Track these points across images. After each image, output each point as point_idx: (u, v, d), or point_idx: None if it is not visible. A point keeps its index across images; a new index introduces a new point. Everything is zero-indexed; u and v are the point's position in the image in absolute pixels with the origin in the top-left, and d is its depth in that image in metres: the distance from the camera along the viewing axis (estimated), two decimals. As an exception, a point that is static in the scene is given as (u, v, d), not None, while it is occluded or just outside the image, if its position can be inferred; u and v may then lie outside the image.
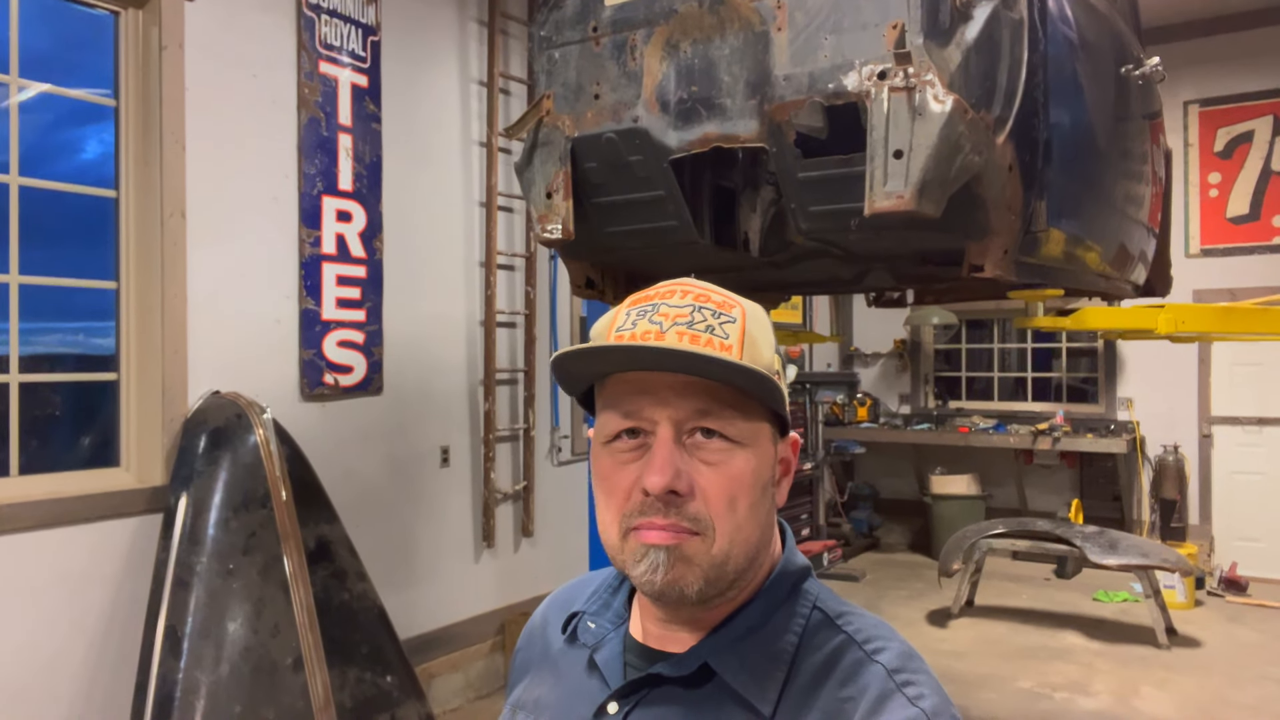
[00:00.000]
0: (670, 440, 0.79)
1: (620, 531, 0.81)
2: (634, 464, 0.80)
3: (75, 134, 3.22)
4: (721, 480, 0.79)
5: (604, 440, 0.83)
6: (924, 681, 0.78)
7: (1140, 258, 3.10)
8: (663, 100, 2.24)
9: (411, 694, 3.32)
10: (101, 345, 3.21)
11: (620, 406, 0.81)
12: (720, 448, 0.79)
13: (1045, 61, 2.10)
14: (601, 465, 0.83)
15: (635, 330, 0.80)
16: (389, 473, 4.00)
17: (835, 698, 0.77)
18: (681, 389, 0.79)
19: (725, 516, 0.79)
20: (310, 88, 3.65)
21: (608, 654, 0.89)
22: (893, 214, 1.87)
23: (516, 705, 0.95)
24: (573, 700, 0.88)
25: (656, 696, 0.83)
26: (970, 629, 5.45)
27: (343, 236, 3.79)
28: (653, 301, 0.82)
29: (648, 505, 0.79)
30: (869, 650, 0.80)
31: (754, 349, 0.81)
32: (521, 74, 4.73)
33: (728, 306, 0.82)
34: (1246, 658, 4.89)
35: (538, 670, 0.96)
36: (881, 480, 8.06)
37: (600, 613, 0.93)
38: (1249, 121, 6.54)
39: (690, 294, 0.82)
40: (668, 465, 0.77)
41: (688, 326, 0.79)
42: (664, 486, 0.77)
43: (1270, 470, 6.45)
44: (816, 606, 0.85)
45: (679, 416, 0.79)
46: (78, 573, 2.93)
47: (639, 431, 0.80)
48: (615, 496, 0.81)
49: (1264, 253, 6.47)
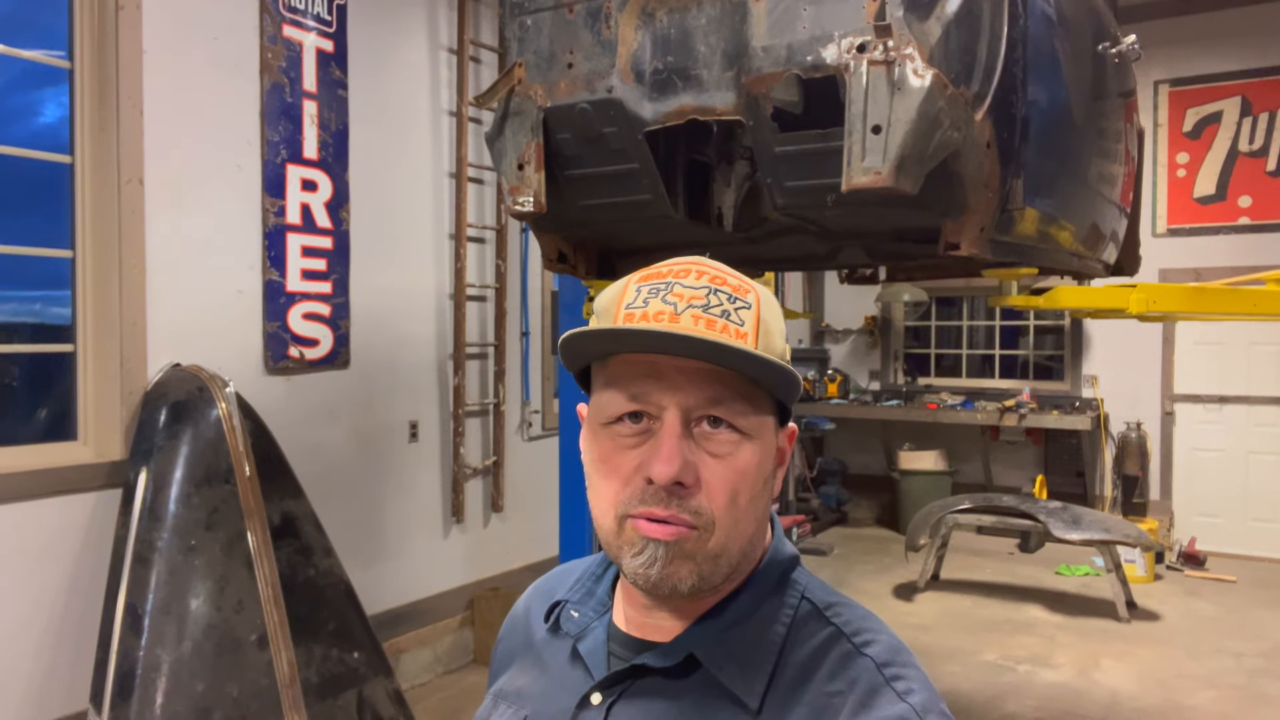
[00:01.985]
0: (678, 428, 0.75)
1: (616, 517, 0.77)
2: (637, 449, 0.77)
3: (28, 97, 3.10)
4: (727, 474, 0.76)
5: (604, 421, 0.79)
6: (913, 676, 0.77)
7: (1112, 237, 3.11)
8: (638, 70, 2.19)
9: (379, 670, 3.29)
10: (59, 314, 3.12)
11: (627, 388, 0.77)
12: (728, 439, 0.76)
13: (1025, 37, 2.07)
14: (601, 447, 0.79)
15: (647, 309, 0.76)
16: (356, 448, 3.95)
17: (823, 691, 0.76)
18: (693, 375, 0.75)
19: (726, 511, 0.76)
20: (274, 52, 3.54)
21: (591, 643, 0.86)
22: (870, 190, 1.84)
23: (499, 695, 0.92)
24: (556, 691, 0.86)
25: (641, 687, 0.81)
26: (936, 602, 5.52)
27: (308, 206, 3.71)
28: (666, 280, 0.78)
29: (649, 494, 0.75)
30: (858, 643, 0.79)
31: (768, 337, 0.78)
32: (493, 42, 4.63)
33: (743, 291, 0.79)
34: (1204, 631, 5.00)
35: (521, 660, 0.94)
36: (850, 456, 8.12)
37: (583, 601, 0.91)
38: (1218, 102, 6.59)
39: (706, 274, 0.79)
40: (675, 455, 0.74)
41: (703, 310, 0.75)
42: (671, 477, 0.74)
43: (1229, 447, 6.57)
44: (805, 597, 0.83)
45: (689, 404, 0.75)
46: (34, 548, 2.86)
47: (643, 415, 0.77)
48: (613, 481, 0.78)
49: (1229, 233, 6.54)
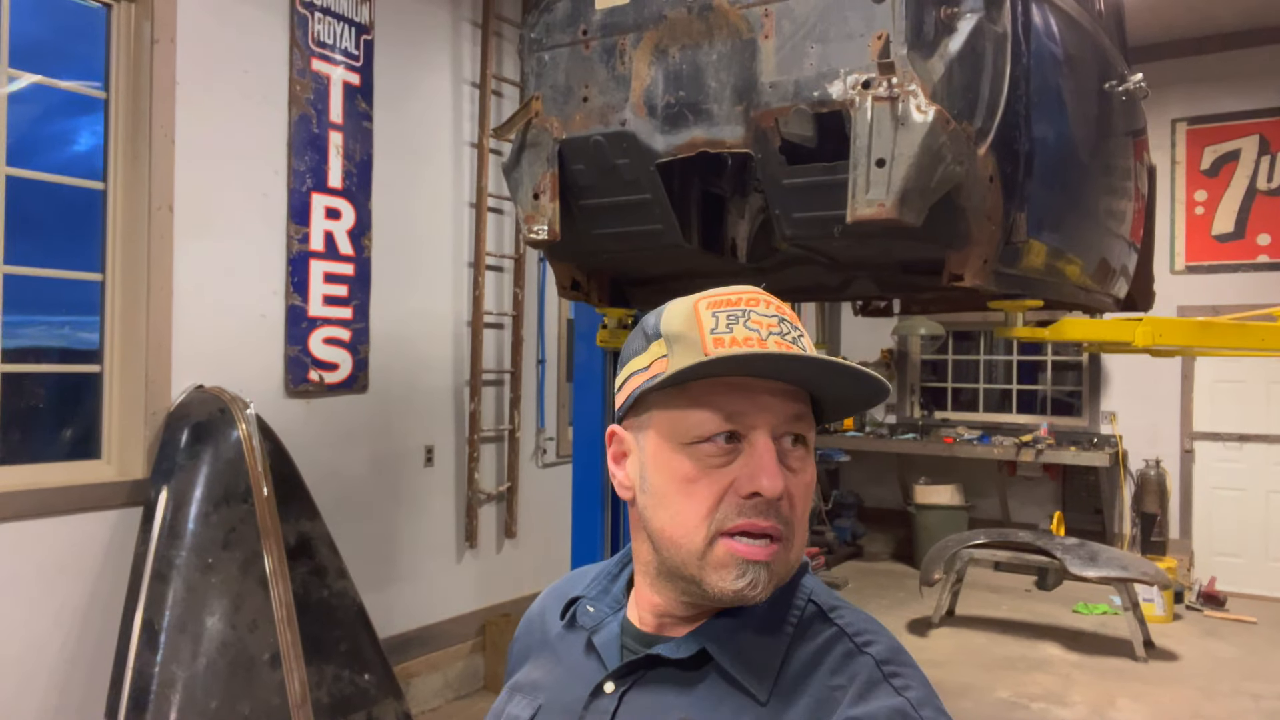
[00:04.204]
0: (772, 444, 0.81)
1: (708, 536, 0.81)
2: (727, 467, 0.81)
3: (65, 125, 3.22)
4: (802, 487, 0.83)
5: (688, 441, 0.82)
6: (910, 674, 0.81)
7: (1122, 271, 3.13)
8: (650, 104, 2.25)
9: (389, 693, 3.32)
10: (86, 339, 3.20)
11: (722, 409, 0.81)
12: (802, 455, 0.83)
13: (1028, 75, 2.12)
14: (683, 467, 0.82)
15: (734, 334, 0.81)
16: (372, 471, 4.00)
17: (826, 685, 0.80)
18: (780, 395, 0.81)
19: (801, 522, 0.83)
20: (302, 84, 3.65)
21: (605, 636, 0.91)
22: (874, 222, 1.89)
23: (514, 688, 0.96)
24: (570, 680, 0.90)
25: (653, 678, 0.85)
26: (950, 638, 5.47)
27: (331, 234, 3.80)
28: (739, 307, 0.83)
29: (748, 508, 0.80)
30: (859, 642, 0.83)
31: None
32: (514, 76, 4.74)
33: (796, 320, 0.85)
34: (1223, 672, 4.93)
35: (536, 655, 0.98)
36: (866, 489, 8.09)
37: (599, 598, 0.96)
38: (1236, 140, 6.60)
39: (772, 304, 0.84)
40: (778, 471, 0.80)
41: (781, 337, 0.81)
42: (779, 492, 0.79)
43: (1250, 486, 6.50)
44: (811, 600, 0.88)
45: (776, 422, 0.81)
46: (56, 564, 2.92)
47: (736, 435, 0.81)
48: (703, 500, 0.81)
49: (1248, 270, 6.53)
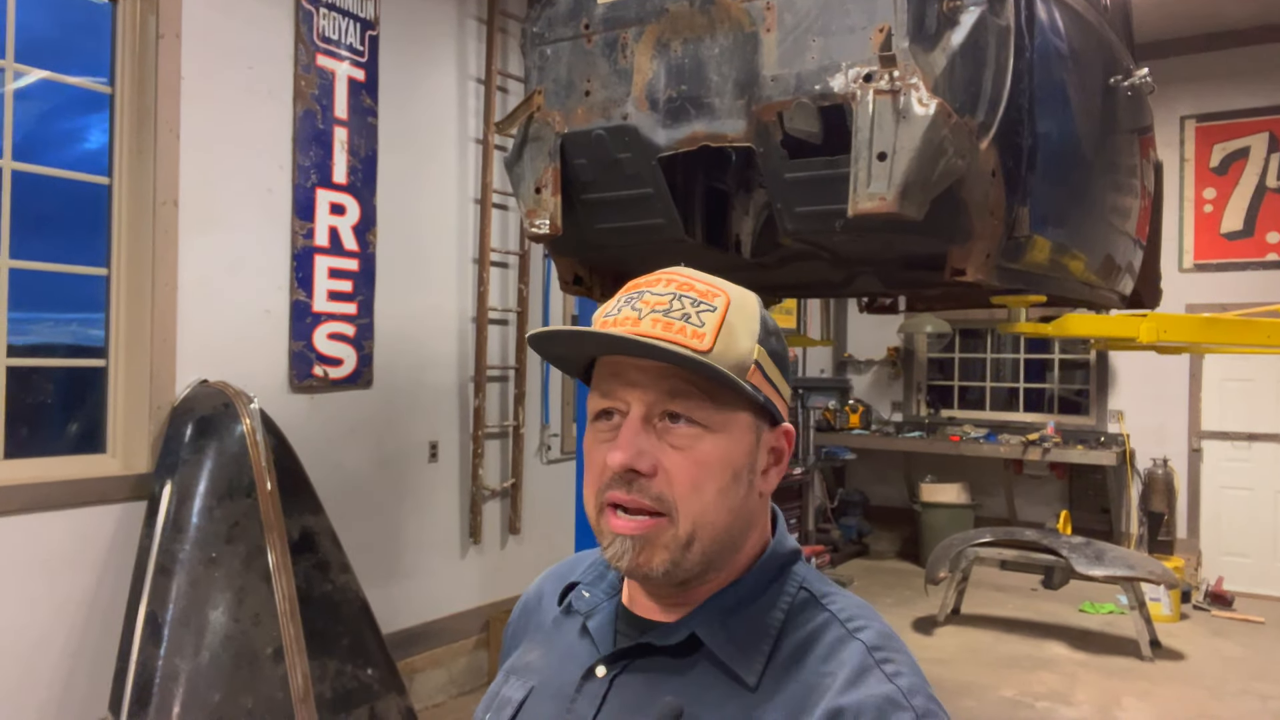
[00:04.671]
0: (638, 421, 0.82)
1: (596, 507, 0.85)
2: (608, 443, 0.84)
3: (70, 121, 3.23)
4: (687, 464, 0.81)
5: (590, 420, 0.88)
6: (901, 660, 0.81)
7: (1127, 268, 3.12)
8: (652, 98, 2.25)
9: (392, 688, 3.32)
10: (92, 335, 3.22)
11: (599, 388, 0.86)
12: (687, 432, 0.82)
13: (1031, 69, 2.11)
14: (586, 441, 0.88)
15: (618, 316, 0.83)
16: (376, 466, 4.01)
17: (816, 671, 0.80)
18: (652, 373, 0.82)
19: (689, 499, 0.81)
20: (307, 80, 3.66)
21: (600, 620, 0.92)
22: (875, 215, 1.88)
23: (510, 670, 0.97)
24: (563, 663, 0.91)
25: (644, 664, 0.86)
26: (955, 637, 5.46)
27: (336, 229, 3.80)
28: (640, 289, 0.85)
29: (614, 480, 0.82)
30: (850, 628, 0.83)
31: (730, 338, 0.82)
32: (520, 72, 4.73)
33: (710, 295, 0.84)
34: (1229, 672, 4.90)
35: (531, 638, 0.99)
36: (871, 487, 8.07)
37: (595, 583, 0.96)
38: (1245, 138, 6.57)
39: (674, 282, 0.85)
40: (629, 444, 0.81)
41: (664, 314, 0.82)
42: (623, 464, 0.80)
43: (1258, 486, 6.47)
44: (803, 587, 0.88)
45: (648, 399, 0.82)
46: (61, 558, 2.93)
47: (614, 413, 0.84)
48: (592, 471, 0.85)
49: (1257, 269, 6.49)
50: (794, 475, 6.48)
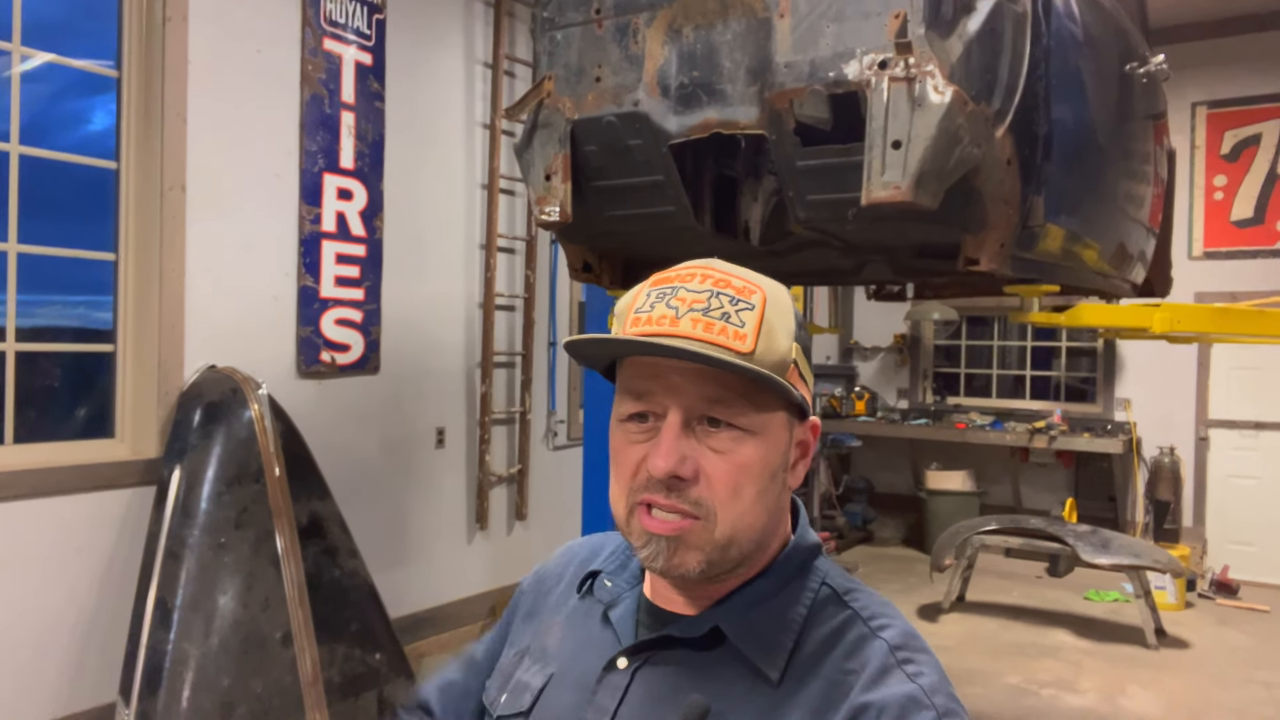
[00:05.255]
0: (678, 426, 0.80)
1: (627, 507, 0.83)
2: (643, 444, 0.82)
3: (77, 104, 3.22)
4: (728, 468, 0.80)
5: (619, 419, 0.85)
6: (924, 660, 0.80)
7: (1139, 257, 3.09)
8: (664, 85, 2.23)
9: (400, 672, 3.34)
10: (99, 318, 3.22)
11: (633, 390, 0.83)
12: (728, 436, 0.81)
13: (1047, 56, 2.09)
14: (615, 441, 0.85)
15: (652, 314, 0.81)
16: (384, 452, 4.01)
17: (839, 669, 0.80)
18: (692, 376, 0.80)
19: (729, 503, 0.80)
20: (314, 64, 3.64)
21: (622, 611, 0.91)
22: (889, 205, 1.87)
23: (523, 652, 0.96)
24: (583, 652, 0.90)
25: (666, 656, 0.85)
26: (960, 624, 5.47)
27: (343, 215, 3.79)
28: (672, 284, 0.83)
29: (652, 484, 0.81)
30: (873, 626, 0.83)
31: (770, 338, 0.81)
32: (527, 56, 4.71)
33: (747, 293, 0.82)
34: (1234, 661, 4.90)
35: (548, 620, 0.98)
36: (877, 474, 8.07)
37: (617, 572, 0.96)
38: (1257, 125, 6.51)
39: (710, 278, 0.82)
40: (673, 451, 0.79)
41: (703, 313, 0.79)
42: (667, 471, 0.79)
43: (1265, 475, 6.45)
44: (825, 582, 0.87)
45: (689, 403, 0.80)
46: (70, 542, 2.94)
47: (649, 415, 0.82)
48: (623, 471, 0.84)
49: (1267, 257, 6.45)
50: (800, 462, 6.47)
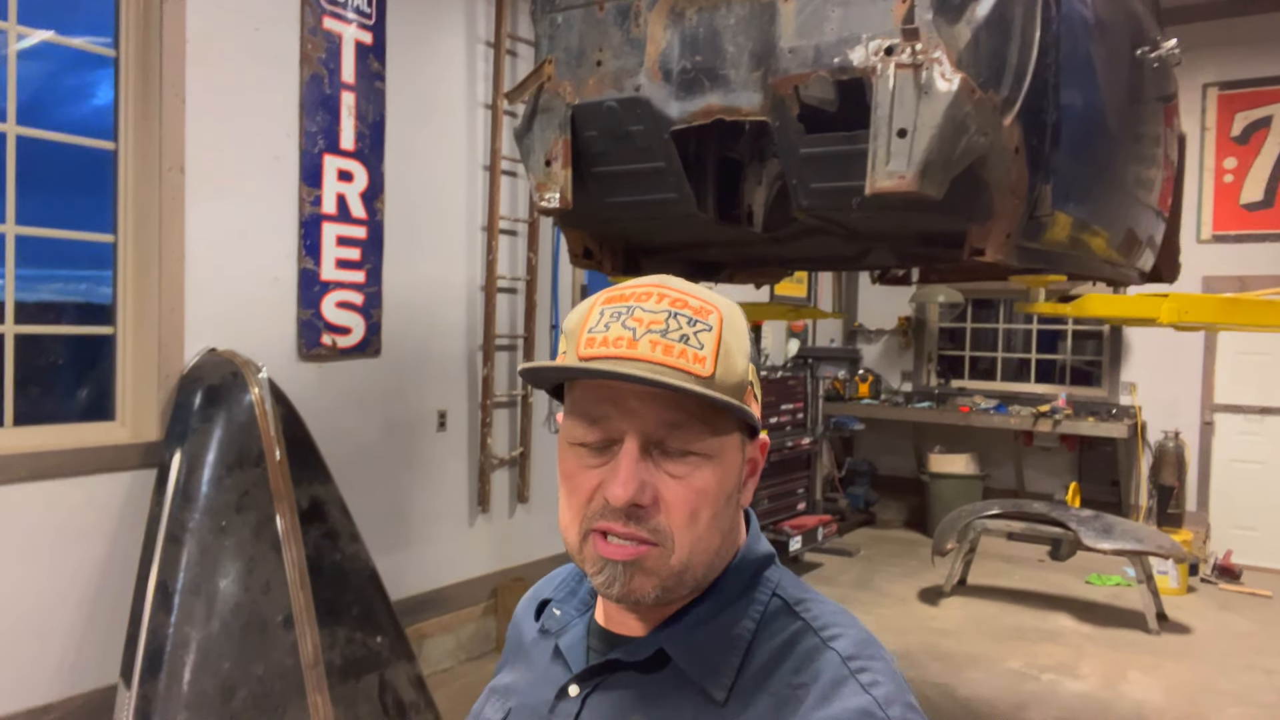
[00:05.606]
0: (635, 452, 0.78)
1: (580, 533, 0.81)
2: (598, 469, 0.80)
3: (74, 84, 3.18)
4: (686, 494, 0.78)
5: (570, 442, 0.82)
6: (878, 669, 0.78)
7: (1148, 243, 3.06)
8: (665, 69, 2.19)
9: (402, 655, 3.34)
10: (103, 295, 3.20)
11: (587, 414, 0.80)
12: (686, 462, 0.79)
13: (1057, 41, 2.05)
14: (567, 464, 0.82)
15: (608, 334, 0.78)
16: (385, 435, 4.01)
17: (788, 684, 0.77)
18: (649, 401, 0.77)
19: (686, 529, 0.78)
20: (314, 43, 3.60)
21: (571, 639, 0.90)
22: (894, 194, 1.84)
23: (492, 690, 0.97)
24: (539, 684, 0.90)
25: (615, 681, 0.84)
26: (961, 608, 5.48)
27: (344, 196, 3.76)
28: (628, 303, 0.79)
29: (609, 512, 0.78)
30: (825, 637, 0.80)
31: (728, 359, 0.79)
32: (529, 36, 4.65)
33: (704, 313, 0.79)
34: (1236, 646, 4.91)
35: (514, 660, 0.98)
36: (880, 457, 8.07)
37: (566, 600, 0.95)
38: (1268, 106, 6.44)
39: (666, 298, 0.80)
40: (631, 479, 0.77)
41: (661, 335, 0.77)
42: (627, 500, 0.77)
43: (1270, 460, 6.43)
44: (776, 594, 0.85)
45: (646, 428, 0.78)
46: (70, 525, 2.94)
47: (605, 441, 0.80)
48: (577, 497, 0.81)
49: (1276, 240, 6.40)
50: (803, 445, 6.47)
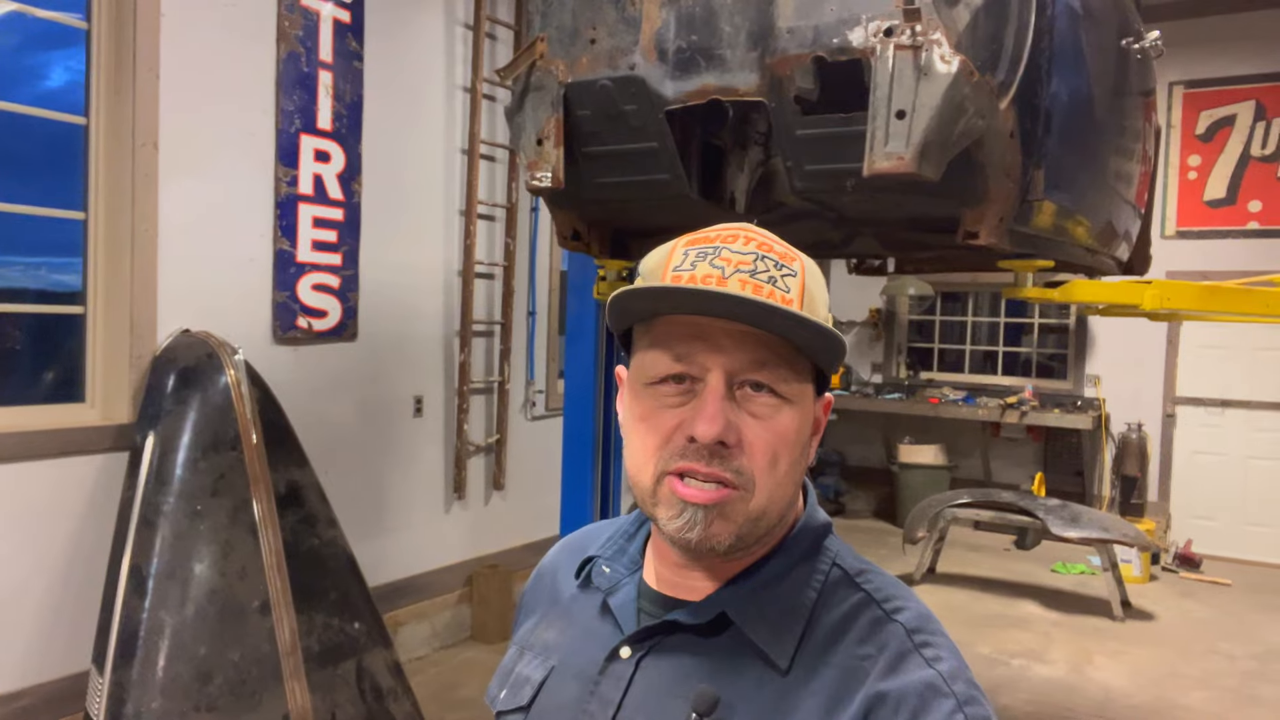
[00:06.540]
0: (722, 389, 0.76)
1: (655, 475, 0.79)
2: (679, 408, 0.78)
3: (44, 57, 3.09)
4: (769, 436, 0.77)
5: (647, 381, 0.80)
6: (941, 644, 0.78)
7: (1125, 236, 3.10)
8: (661, 48, 2.18)
9: (379, 641, 3.30)
10: (61, 282, 3.11)
11: (672, 349, 0.78)
12: (769, 402, 0.77)
13: (1051, 27, 2.06)
14: (642, 405, 0.80)
15: (695, 272, 0.76)
16: (361, 420, 3.95)
17: (853, 654, 0.77)
18: (739, 338, 0.76)
19: (767, 472, 0.77)
20: (291, 20, 3.53)
21: (622, 598, 0.88)
22: (891, 175, 1.84)
23: (524, 646, 0.93)
24: (584, 643, 0.87)
25: (671, 644, 0.82)
26: (931, 596, 5.54)
27: (320, 177, 3.70)
28: (714, 244, 0.78)
29: (690, 451, 0.76)
30: (888, 609, 0.80)
31: (812, 305, 0.78)
32: (510, 19, 4.61)
33: (789, 259, 0.79)
34: (1197, 632, 5.02)
35: (547, 614, 0.95)
36: (849, 447, 8.13)
37: (615, 558, 0.92)
38: (1232, 105, 6.57)
39: (754, 240, 0.79)
40: (719, 415, 0.75)
41: (750, 275, 0.76)
42: (715, 436, 0.75)
43: (1230, 451, 6.58)
44: (836, 563, 0.84)
45: (733, 367, 0.76)
46: (40, 508, 2.87)
47: (686, 377, 0.78)
48: (653, 438, 0.79)
49: (1238, 237, 6.54)
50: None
